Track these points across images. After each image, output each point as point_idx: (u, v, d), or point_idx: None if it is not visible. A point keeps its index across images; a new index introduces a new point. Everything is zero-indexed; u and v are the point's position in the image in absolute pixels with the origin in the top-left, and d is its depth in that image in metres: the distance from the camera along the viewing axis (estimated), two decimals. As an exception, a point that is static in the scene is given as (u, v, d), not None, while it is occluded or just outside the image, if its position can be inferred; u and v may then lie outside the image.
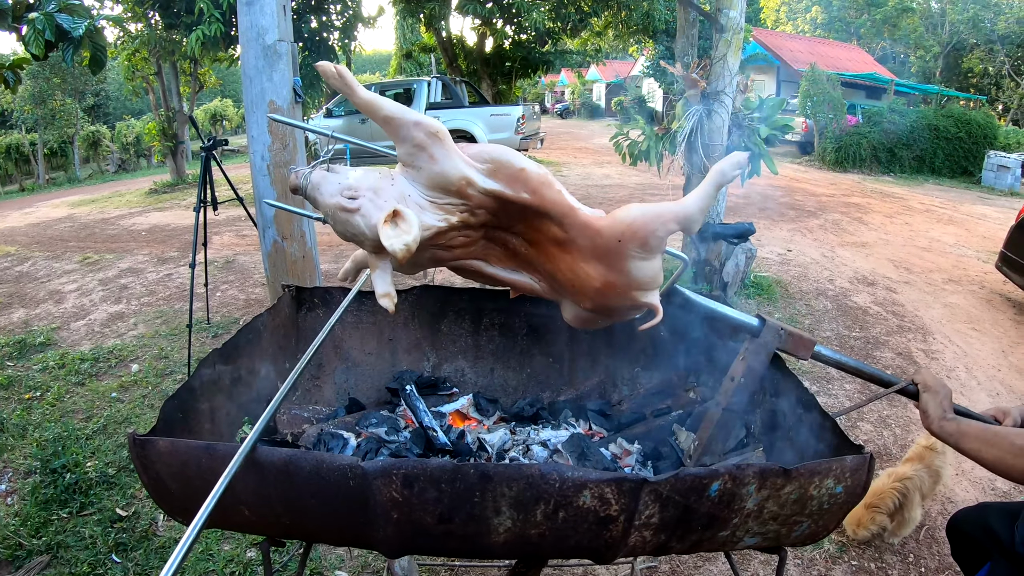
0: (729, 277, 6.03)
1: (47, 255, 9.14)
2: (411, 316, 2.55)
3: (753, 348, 1.91)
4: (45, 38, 3.50)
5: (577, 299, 1.82)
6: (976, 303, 6.90)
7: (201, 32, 10.31)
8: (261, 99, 4.61)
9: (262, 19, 4.49)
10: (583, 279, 1.74)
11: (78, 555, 3.17)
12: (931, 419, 1.76)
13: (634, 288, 1.75)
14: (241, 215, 9.82)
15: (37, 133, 26.26)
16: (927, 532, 3.46)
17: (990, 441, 1.64)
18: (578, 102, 40.03)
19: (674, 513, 1.45)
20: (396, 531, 1.46)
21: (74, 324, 6.27)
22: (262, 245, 5.06)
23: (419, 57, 22.92)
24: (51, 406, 4.63)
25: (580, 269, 1.74)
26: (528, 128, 13.74)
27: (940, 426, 1.74)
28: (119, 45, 13.87)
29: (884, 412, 4.57)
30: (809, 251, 8.61)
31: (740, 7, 5.74)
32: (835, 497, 1.53)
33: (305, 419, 2.33)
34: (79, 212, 13.18)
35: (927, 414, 1.78)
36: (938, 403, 1.77)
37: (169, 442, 1.53)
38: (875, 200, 12.85)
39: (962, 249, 9.18)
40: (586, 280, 1.74)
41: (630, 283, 1.74)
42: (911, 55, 33.64)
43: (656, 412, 2.33)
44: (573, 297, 1.82)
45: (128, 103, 32.68)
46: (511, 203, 1.69)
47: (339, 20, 13.39)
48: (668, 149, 6.29)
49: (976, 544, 2.10)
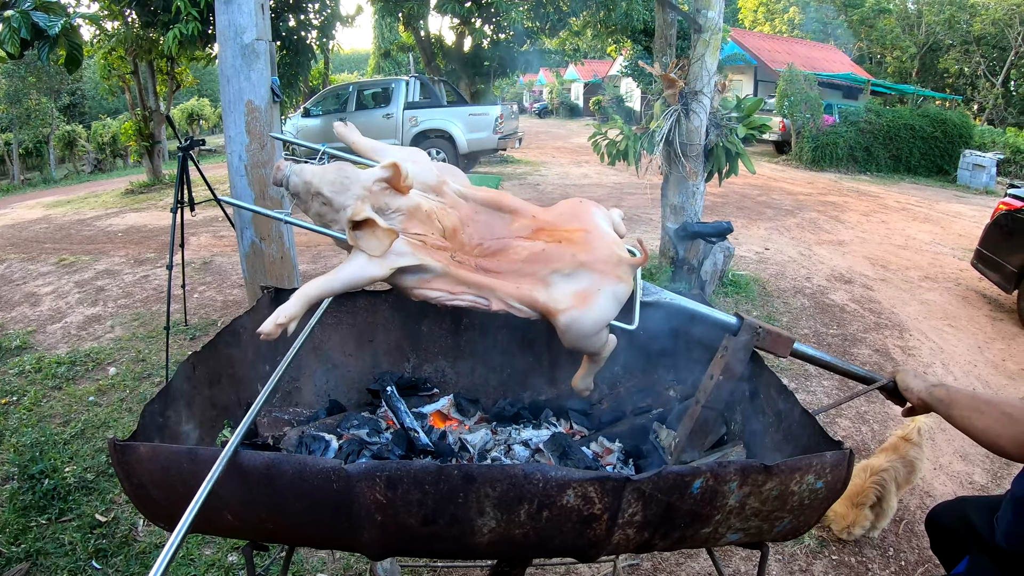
0: (707, 276, 6.07)
1: (22, 257, 9.02)
2: (391, 317, 2.55)
3: (732, 346, 1.93)
4: (21, 36, 3.46)
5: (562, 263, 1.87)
6: (952, 300, 7.00)
7: (178, 31, 10.21)
8: (239, 99, 4.58)
9: (240, 18, 4.46)
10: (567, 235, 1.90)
11: (58, 562, 3.13)
12: (918, 391, 1.77)
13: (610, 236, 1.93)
14: (218, 216, 9.75)
15: (12, 133, 25.92)
16: (906, 526, 3.50)
17: (980, 409, 1.62)
18: (556, 101, 40.09)
19: (657, 511, 1.46)
20: (380, 533, 1.46)
21: (50, 327, 6.20)
22: (240, 246, 5.03)
23: (397, 56, 22.92)
24: (28, 411, 4.57)
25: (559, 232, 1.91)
26: (506, 127, 13.76)
27: (930, 392, 1.75)
28: (95, 43, 13.71)
29: (862, 408, 4.62)
30: (787, 249, 8.68)
31: (719, 8, 5.78)
32: (816, 493, 1.55)
33: (286, 422, 2.32)
34: (55, 213, 13.02)
35: (910, 389, 1.79)
36: (921, 376, 1.79)
37: (150, 447, 1.52)
38: (852, 199, 12.99)
39: (938, 247, 9.30)
40: (571, 235, 1.90)
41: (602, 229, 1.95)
42: (888, 55, 33.98)
43: (637, 410, 2.35)
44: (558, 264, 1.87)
45: (104, 102, 32.30)
46: (480, 201, 1.95)
47: (317, 19, 13.35)
48: (646, 149, 6.32)
49: (956, 538, 2.11)
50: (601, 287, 1.82)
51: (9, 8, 3.57)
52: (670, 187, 6.41)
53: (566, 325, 1.81)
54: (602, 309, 1.83)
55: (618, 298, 1.85)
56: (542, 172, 15.25)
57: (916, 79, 31.45)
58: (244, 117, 4.61)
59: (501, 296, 1.82)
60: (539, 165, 16.59)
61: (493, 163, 16.38)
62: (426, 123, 13.46)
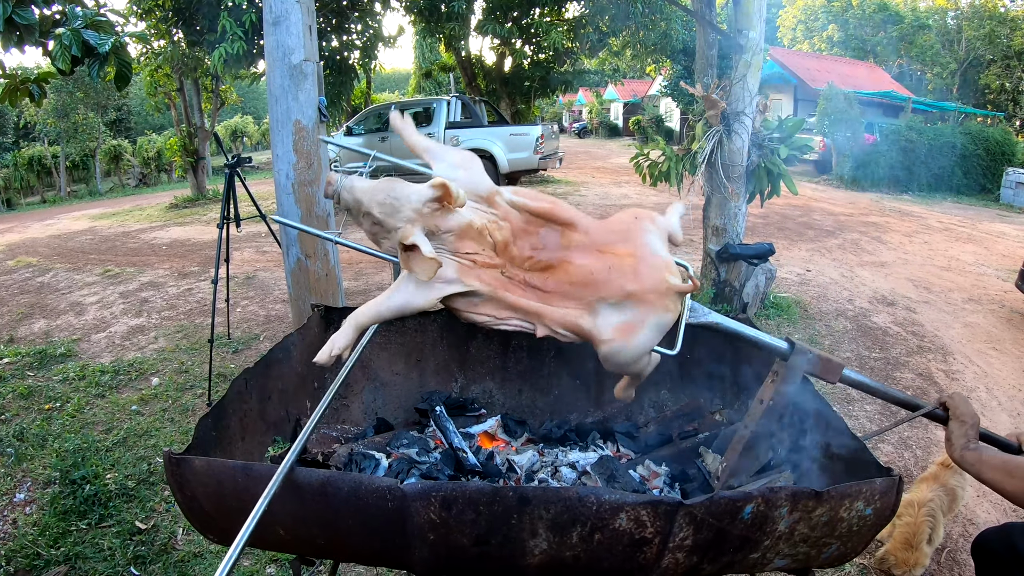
0: (749, 298, 6.02)
1: (68, 267, 9.24)
2: (440, 337, 2.57)
3: (782, 371, 1.91)
4: (71, 53, 3.55)
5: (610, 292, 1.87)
6: (996, 322, 6.86)
7: (224, 50, 10.43)
8: (287, 118, 4.66)
9: (288, 39, 4.55)
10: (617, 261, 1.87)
11: (96, 567, 3.18)
12: (954, 447, 1.78)
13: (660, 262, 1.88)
14: (261, 231, 9.90)
15: (60, 146, 26.63)
16: (948, 554, 3.43)
17: (1011, 472, 1.65)
18: (596, 122, 40.06)
19: (707, 536, 1.46)
20: (432, 552, 1.48)
21: (95, 336, 6.33)
22: (285, 263, 5.10)
23: (438, 76, 23.12)
24: (71, 417, 4.67)
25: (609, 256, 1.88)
26: (547, 147, 13.78)
27: (961, 455, 1.76)
28: (142, 61, 14.07)
29: (905, 433, 4.54)
30: (828, 271, 8.58)
31: (760, 28, 5.75)
32: (865, 519, 1.54)
33: (334, 438, 2.34)
34: (100, 225, 13.32)
35: (951, 442, 1.79)
36: (963, 432, 1.78)
37: (205, 461, 1.55)
38: (894, 219, 12.80)
39: (981, 268, 9.12)
40: (620, 262, 1.86)
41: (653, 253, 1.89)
42: (928, 72, 33.57)
43: (683, 434, 2.34)
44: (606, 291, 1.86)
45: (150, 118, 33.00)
46: (533, 212, 1.91)
47: (360, 40, 13.55)
48: (688, 170, 6.29)
49: (1002, 564, 2.08)
50: (646, 319, 1.81)
51: (60, 26, 3.66)
52: (712, 208, 6.38)
53: (606, 356, 1.82)
54: (645, 340, 1.83)
55: (662, 328, 1.85)
56: (582, 192, 15.24)
57: (956, 95, 30.96)
58: (292, 136, 4.69)
59: (547, 322, 1.82)
60: (579, 185, 16.59)
61: (534, 183, 16.42)
62: (467, 143, 13.52)
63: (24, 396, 4.96)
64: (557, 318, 1.82)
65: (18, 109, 25.15)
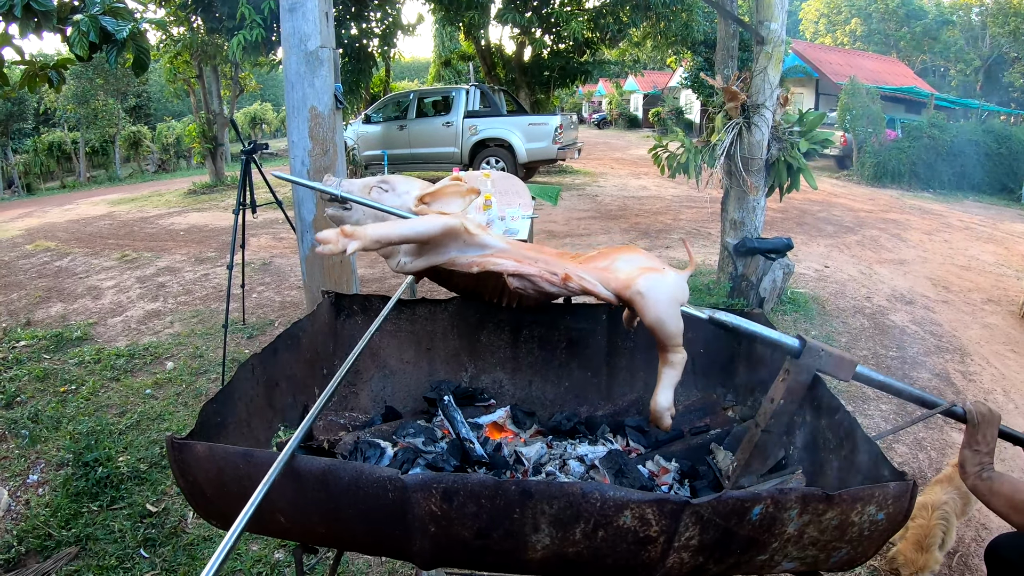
0: (766, 293, 5.96)
1: (86, 251, 9.30)
2: (450, 326, 2.55)
3: (794, 369, 1.88)
4: (89, 40, 3.55)
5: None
6: (1015, 324, 6.76)
7: (243, 37, 10.44)
8: (303, 105, 4.65)
9: (304, 25, 4.54)
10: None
11: (106, 548, 3.20)
12: (967, 475, 1.84)
13: None
14: (278, 218, 9.92)
15: (79, 132, 26.84)
16: (960, 559, 3.39)
17: (1017, 508, 1.71)
18: (615, 112, 39.83)
19: (714, 536, 1.43)
20: (432, 544, 1.46)
21: (111, 320, 6.37)
22: (300, 249, 5.10)
23: (457, 65, 23.06)
24: (85, 400, 4.71)
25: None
26: (565, 138, 13.71)
27: (974, 484, 1.82)
28: (161, 48, 14.13)
29: (920, 434, 4.49)
30: (847, 267, 8.49)
31: (781, 20, 5.67)
32: (876, 524, 1.50)
33: (341, 426, 2.33)
34: (118, 210, 13.41)
35: (964, 468, 1.84)
36: (978, 460, 1.82)
37: (207, 447, 1.54)
38: (914, 216, 12.66)
39: (1002, 268, 9.00)
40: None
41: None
42: (951, 68, 33.17)
43: (694, 430, 2.31)
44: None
45: (169, 105, 33.25)
46: None
47: (379, 27, 13.54)
48: (707, 162, 6.23)
49: (1015, 570, 2.06)
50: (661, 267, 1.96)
51: (78, 12, 3.66)
52: (730, 201, 6.32)
53: (646, 288, 1.88)
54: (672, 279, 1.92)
55: (680, 279, 1.96)
56: (600, 183, 15.17)
57: (980, 93, 30.57)
58: (307, 123, 4.68)
59: (572, 271, 1.92)
60: (598, 176, 16.51)
61: (552, 173, 16.36)
62: (485, 132, 13.49)
63: (40, 379, 5.00)
64: (581, 269, 1.96)
65: (38, 95, 25.32)
